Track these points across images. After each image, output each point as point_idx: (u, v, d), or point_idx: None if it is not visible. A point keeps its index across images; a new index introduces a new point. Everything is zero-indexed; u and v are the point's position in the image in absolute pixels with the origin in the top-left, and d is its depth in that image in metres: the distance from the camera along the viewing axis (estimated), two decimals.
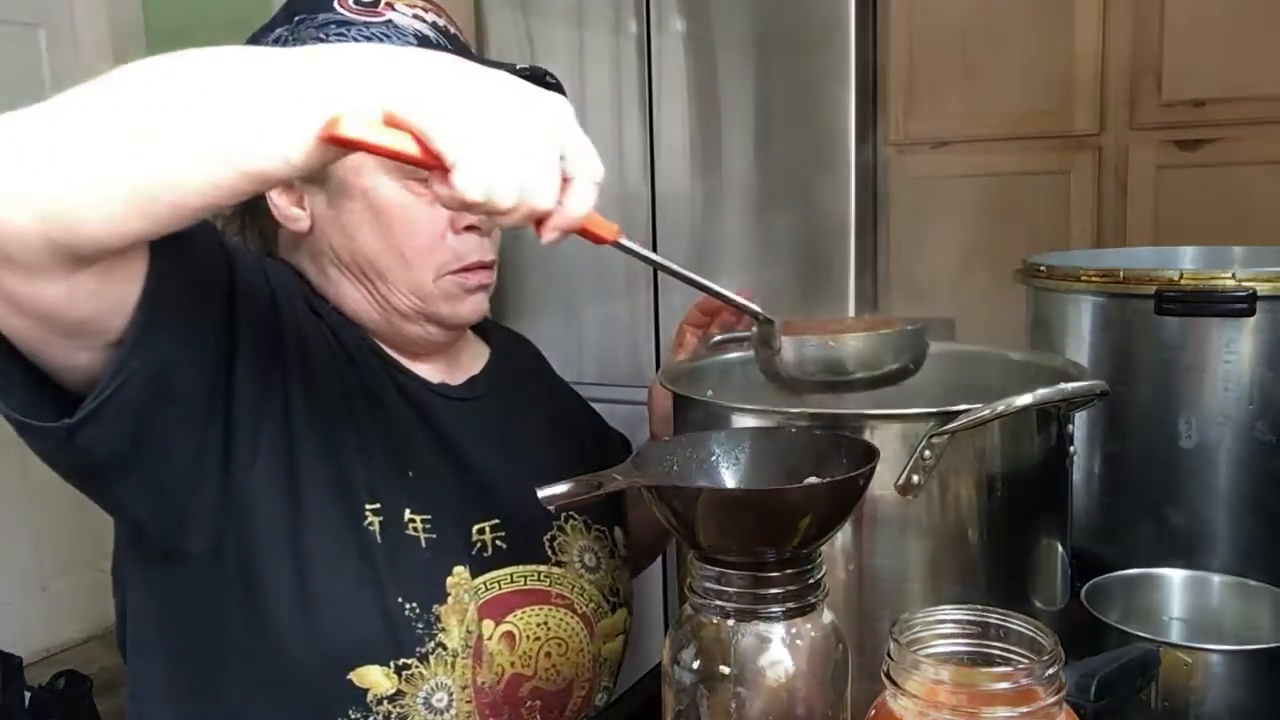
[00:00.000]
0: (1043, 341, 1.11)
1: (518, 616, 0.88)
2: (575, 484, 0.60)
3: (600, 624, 0.95)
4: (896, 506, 0.72)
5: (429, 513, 0.85)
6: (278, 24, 0.87)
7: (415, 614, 0.81)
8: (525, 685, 0.89)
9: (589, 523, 0.98)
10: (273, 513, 0.77)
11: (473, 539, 0.88)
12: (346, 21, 0.84)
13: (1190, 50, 2.02)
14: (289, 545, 0.78)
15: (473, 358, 1.00)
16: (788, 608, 0.57)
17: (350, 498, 0.81)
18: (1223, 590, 0.90)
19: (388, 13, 0.85)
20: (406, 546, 0.82)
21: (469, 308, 0.90)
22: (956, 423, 0.70)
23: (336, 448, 0.81)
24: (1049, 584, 0.80)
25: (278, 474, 0.78)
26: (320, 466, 0.80)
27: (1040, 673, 0.52)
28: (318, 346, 0.84)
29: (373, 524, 0.81)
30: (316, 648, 0.78)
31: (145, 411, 0.68)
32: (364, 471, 0.82)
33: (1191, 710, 0.78)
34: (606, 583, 0.97)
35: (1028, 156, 2.18)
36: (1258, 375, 0.94)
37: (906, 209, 2.31)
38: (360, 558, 0.80)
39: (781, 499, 0.58)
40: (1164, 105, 2.06)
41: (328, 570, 0.78)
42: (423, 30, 0.85)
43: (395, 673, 0.79)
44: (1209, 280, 0.94)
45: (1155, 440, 0.99)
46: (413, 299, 0.87)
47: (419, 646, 0.80)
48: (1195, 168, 2.05)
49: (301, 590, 0.77)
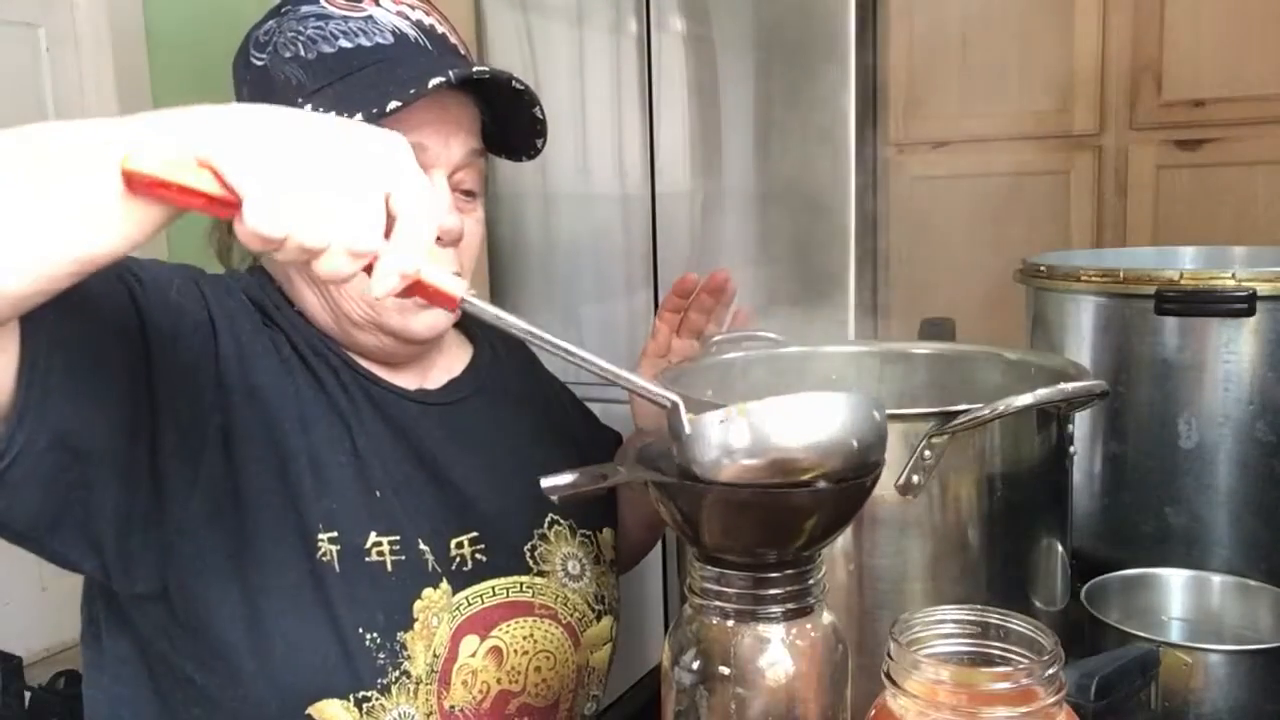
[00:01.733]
0: (1043, 341, 1.11)
1: (503, 630, 0.86)
2: (580, 475, 0.59)
3: (586, 633, 0.92)
4: (896, 506, 0.72)
5: (397, 534, 0.81)
6: (269, 18, 0.86)
7: (376, 644, 0.78)
8: (513, 701, 0.86)
9: (574, 527, 0.95)
10: (217, 551, 0.75)
11: (451, 554, 0.85)
12: (326, 15, 0.82)
13: (1190, 50, 2.02)
14: (237, 582, 0.75)
15: (453, 358, 0.97)
16: (788, 609, 0.57)
17: (301, 530, 0.77)
18: (1223, 590, 0.90)
19: (370, 7, 0.83)
20: (369, 573, 0.79)
21: (422, 324, 0.85)
22: (956, 423, 0.70)
23: (286, 477, 0.78)
24: (1049, 584, 0.80)
25: (219, 510, 0.75)
26: (266, 499, 0.77)
27: (1040, 673, 0.52)
28: (269, 368, 0.81)
29: (328, 554, 0.78)
30: (273, 684, 0.75)
31: (53, 476, 0.66)
32: (320, 500, 0.79)
33: (1191, 710, 0.78)
34: (591, 590, 0.94)
35: (1028, 156, 2.18)
36: (1258, 375, 0.94)
37: (906, 209, 2.31)
38: (314, 591, 0.77)
39: (789, 501, 0.57)
40: (1164, 105, 2.06)
41: (278, 606, 0.75)
42: (401, 27, 0.83)
43: (355, 705, 0.76)
44: (1209, 280, 0.94)
45: (1155, 440, 0.99)
46: (363, 307, 0.83)
47: (380, 677, 0.77)
48: (1195, 168, 2.05)
49: (253, 628, 0.75)
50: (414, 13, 0.85)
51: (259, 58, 0.84)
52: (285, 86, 0.81)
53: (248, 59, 0.85)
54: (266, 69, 0.83)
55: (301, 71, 0.81)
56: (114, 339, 0.70)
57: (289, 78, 0.82)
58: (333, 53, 0.81)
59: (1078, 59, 2.11)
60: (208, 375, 0.76)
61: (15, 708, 2.44)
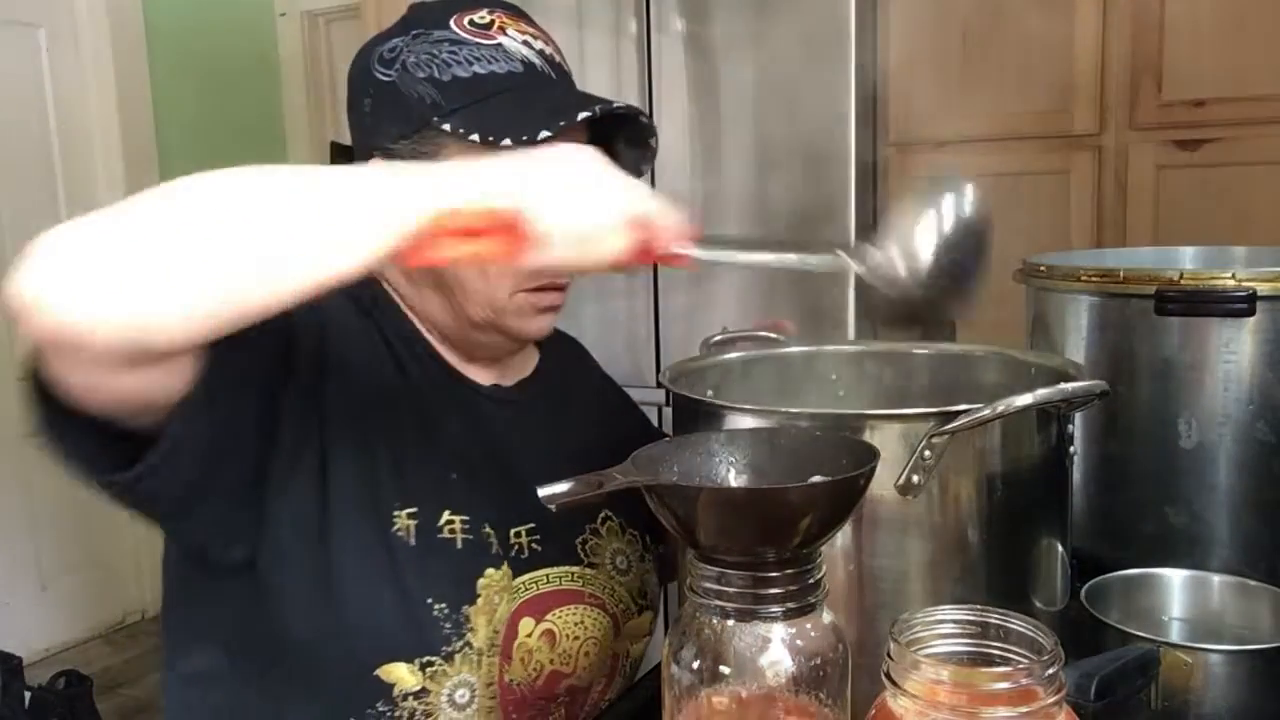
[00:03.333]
0: (1043, 341, 1.11)
1: (556, 615, 0.91)
2: (576, 483, 0.60)
3: (627, 624, 0.98)
4: (896, 506, 0.72)
5: (467, 515, 0.88)
6: (393, 35, 0.90)
7: (444, 614, 0.84)
8: (564, 683, 0.92)
9: (623, 525, 1.00)
10: (304, 525, 0.81)
11: (511, 541, 0.90)
12: (460, 40, 0.88)
13: (1190, 50, 2.02)
14: (318, 550, 0.81)
15: (524, 359, 1.03)
16: (788, 608, 0.57)
17: (379, 507, 0.84)
18: (1223, 590, 0.90)
19: (499, 36, 0.89)
20: (441, 549, 0.85)
21: (536, 325, 0.93)
22: (956, 423, 0.70)
23: (371, 456, 0.85)
24: (1049, 584, 0.80)
25: (310, 490, 0.82)
26: (350, 480, 0.83)
27: (1040, 673, 0.52)
28: (363, 353, 0.88)
29: (404, 529, 0.84)
30: (344, 647, 0.81)
31: (202, 462, 0.74)
32: (399, 479, 0.85)
33: (1191, 710, 0.78)
34: (636, 585, 0.99)
35: (1028, 156, 2.18)
36: (1258, 375, 0.94)
37: None
38: (388, 562, 0.83)
39: (782, 499, 0.58)
40: (1164, 105, 2.06)
41: (354, 573, 0.82)
42: (529, 56, 0.89)
43: (420, 670, 0.82)
44: (1209, 280, 0.94)
45: (1155, 440, 0.99)
46: (487, 311, 0.90)
47: (445, 645, 0.83)
48: (1195, 168, 2.05)
49: (329, 593, 0.81)
50: (536, 43, 0.91)
51: (385, 73, 0.89)
52: (420, 104, 0.86)
53: (372, 74, 0.89)
54: (396, 85, 0.88)
55: (436, 91, 0.86)
56: (268, 337, 0.76)
57: (423, 96, 0.86)
58: (467, 77, 0.86)
59: (1078, 59, 2.11)
60: (317, 361, 0.84)
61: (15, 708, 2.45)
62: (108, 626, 3.40)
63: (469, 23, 0.89)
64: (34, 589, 3.20)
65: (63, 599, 3.27)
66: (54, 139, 3.17)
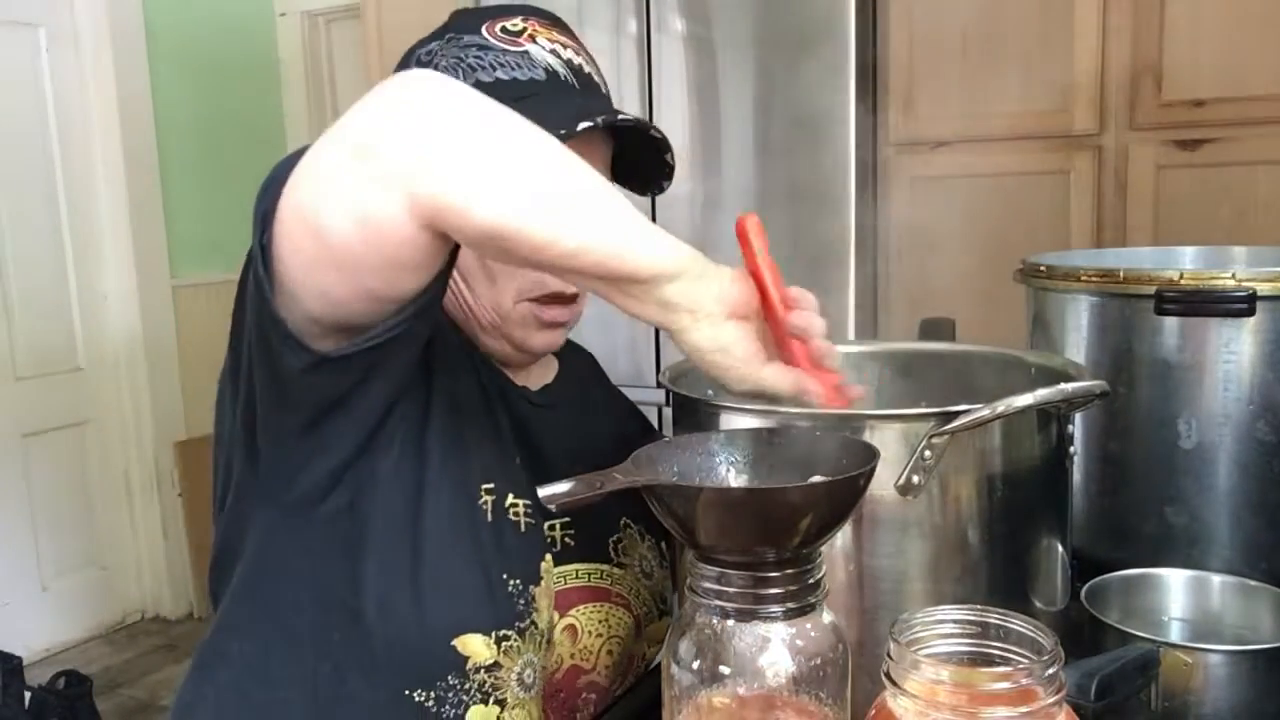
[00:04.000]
0: (1043, 341, 1.11)
1: (580, 611, 0.92)
2: (576, 483, 0.60)
3: (648, 627, 0.98)
4: (896, 506, 0.72)
5: (528, 499, 0.89)
6: (433, 39, 0.92)
7: (517, 590, 0.85)
8: (583, 678, 0.92)
9: (642, 533, 1.01)
10: (398, 484, 0.82)
11: (546, 534, 0.91)
12: (487, 46, 0.89)
13: (1190, 50, 2.02)
14: (410, 519, 0.82)
15: (545, 367, 1.04)
16: (788, 608, 0.57)
17: (468, 479, 0.85)
18: (1223, 590, 0.90)
19: (527, 44, 0.90)
20: (511, 528, 0.87)
21: (540, 340, 0.93)
22: (956, 423, 0.70)
23: (462, 434, 0.86)
24: (1049, 584, 0.80)
25: (408, 453, 0.82)
26: (447, 451, 0.84)
27: (1040, 673, 0.52)
28: (435, 338, 0.88)
29: (486, 503, 0.85)
30: (424, 613, 0.81)
31: (371, 372, 0.75)
32: (481, 456, 0.87)
33: (1191, 710, 0.78)
34: (659, 590, 1.00)
35: (1028, 156, 2.18)
36: (1258, 375, 0.94)
37: (906, 209, 2.31)
38: (472, 535, 0.84)
39: (781, 499, 0.58)
40: (1164, 105, 2.06)
41: (442, 543, 0.82)
42: (553, 64, 0.90)
43: (495, 643, 0.82)
44: (1209, 280, 0.94)
45: (1155, 440, 0.99)
46: (492, 314, 0.91)
47: (519, 621, 0.84)
48: (1195, 168, 2.05)
49: (415, 559, 0.81)
50: (565, 51, 0.92)
51: None
52: None
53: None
54: None
55: None
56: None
57: None
58: (489, 82, 0.87)
59: (1078, 59, 2.12)
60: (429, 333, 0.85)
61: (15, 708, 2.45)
62: (108, 626, 3.40)
63: (501, 29, 0.90)
64: (34, 589, 3.20)
65: (63, 599, 3.27)
66: (54, 139, 3.17)
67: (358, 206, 0.63)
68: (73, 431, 3.25)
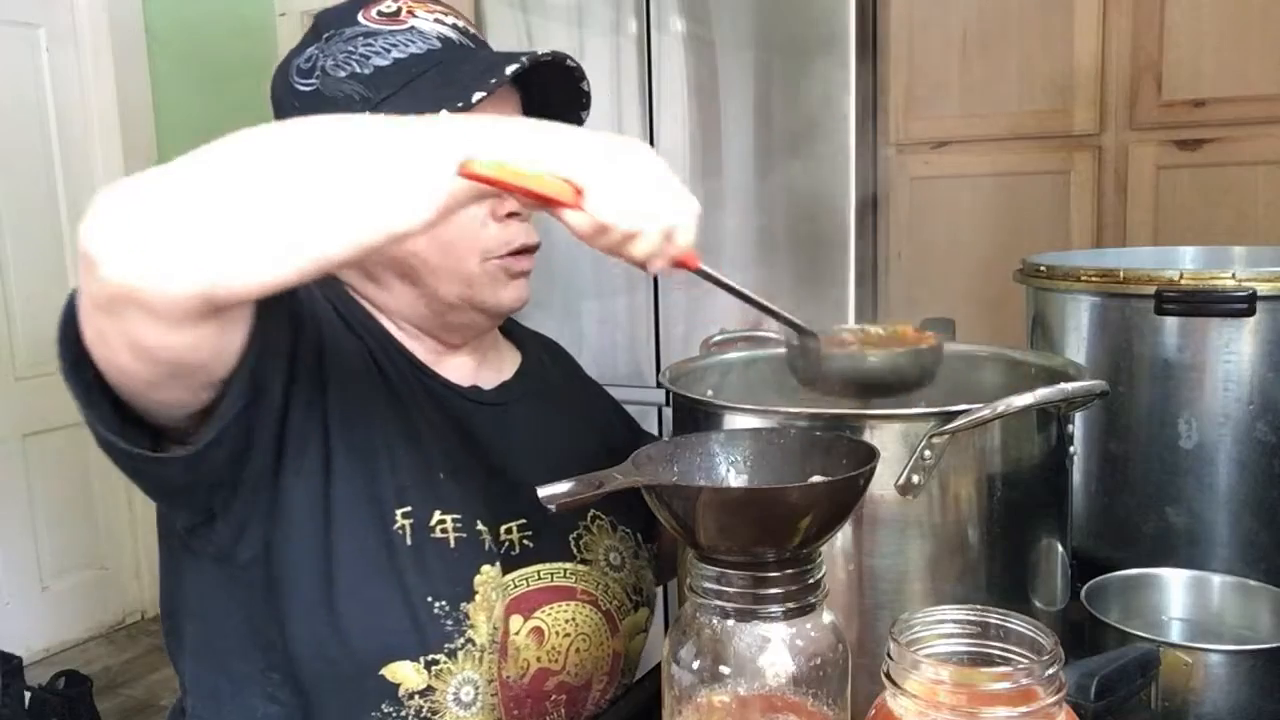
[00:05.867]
0: (1043, 341, 1.12)
1: (545, 612, 0.91)
2: (576, 483, 0.60)
3: (624, 621, 0.97)
4: (896, 506, 0.72)
5: (459, 513, 0.87)
6: (306, 46, 0.90)
7: (444, 611, 0.84)
8: (551, 680, 0.91)
9: (615, 523, 1.00)
10: (307, 521, 0.81)
11: (502, 537, 0.90)
12: (372, 32, 0.88)
13: (1190, 50, 2.02)
14: (321, 551, 0.81)
15: (504, 361, 1.03)
16: (788, 608, 0.57)
17: (380, 505, 0.84)
18: (1223, 590, 0.90)
19: (410, 20, 0.89)
20: (435, 547, 0.85)
21: (511, 294, 0.92)
22: (956, 423, 0.70)
23: (369, 457, 0.85)
24: (1049, 584, 0.80)
25: (314, 485, 0.82)
26: (353, 477, 0.83)
27: (1040, 673, 0.52)
28: (349, 356, 0.88)
29: (402, 527, 0.84)
30: (348, 647, 0.81)
31: (242, 443, 0.76)
32: (394, 477, 0.85)
33: (1191, 710, 0.78)
34: (631, 581, 0.99)
35: (1028, 156, 2.18)
36: (1258, 375, 0.94)
37: (906, 209, 2.31)
38: (389, 561, 0.83)
39: (782, 499, 0.58)
40: (1164, 105, 2.06)
41: (356, 574, 0.82)
42: (444, 33, 0.89)
43: (425, 668, 0.82)
44: (1209, 280, 0.94)
45: (1155, 440, 0.99)
46: (459, 286, 0.90)
47: (448, 643, 0.83)
48: (1195, 168, 2.05)
49: (331, 594, 0.81)
50: (448, 18, 0.91)
51: (305, 84, 0.89)
52: (348, 103, 0.87)
53: (291, 87, 0.90)
54: (319, 91, 0.88)
55: (361, 86, 0.87)
56: (286, 318, 0.80)
57: (350, 94, 0.87)
58: (388, 64, 0.87)
59: (1078, 59, 2.11)
60: (316, 361, 0.84)
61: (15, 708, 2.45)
62: (108, 626, 3.40)
63: (377, 13, 0.89)
64: (34, 589, 3.20)
65: (63, 599, 3.27)
66: (54, 139, 3.17)
67: (121, 339, 0.64)
68: (73, 431, 3.24)
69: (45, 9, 3.14)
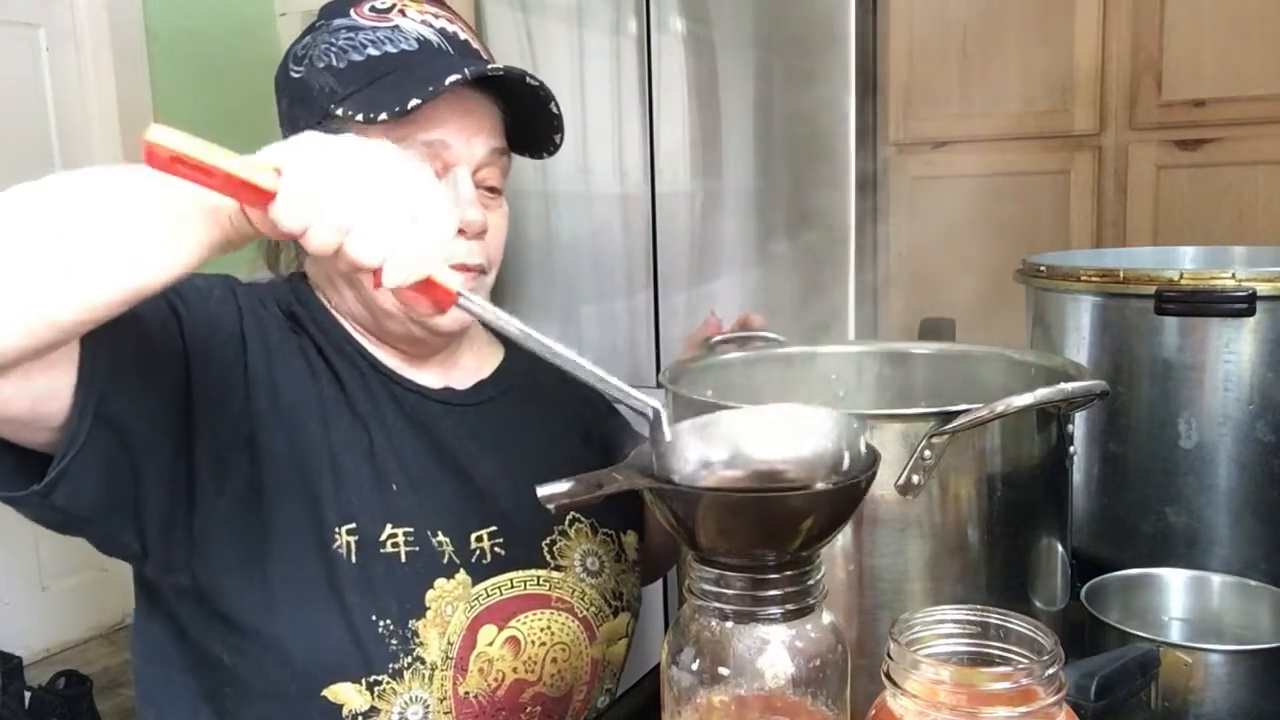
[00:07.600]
0: (1043, 341, 1.11)
1: (520, 621, 0.89)
2: (575, 483, 0.60)
3: (602, 628, 0.95)
4: (896, 506, 0.72)
5: (411, 526, 0.85)
6: (305, 34, 0.91)
7: (388, 630, 0.82)
8: (528, 690, 0.89)
9: (595, 526, 0.98)
10: (239, 545, 0.80)
11: (471, 546, 0.88)
12: (357, 26, 0.88)
13: (1190, 50, 2.02)
14: (258, 573, 0.80)
15: (483, 359, 1.00)
16: (787, 609, 0.57)
17: (318, 524, 0.82)
18: (1223, 590, 0.90)
19: (397, 18, 0.89)
20: (383, 564, 0.83)
21: (447, 317, 0.86)
22: (956, 423, 0.70)
23: (306, 476, 0.82)
24: (1049, 584, 0.80)
25: (243, 507, 0.80)
26: (286, 497, 0.81)
27: (1040, 673, 0.52)
28: (296, 373, 0.85)
29: (343, 546, 0.82)
30: (289, 668, 0.80)
31: (110, 466, 0.72)
32: (338, 495, 0.83)
33: (1191, 710, 0.78)
34: (609, 586, 0.97)
35: (1028, 156, 2.18)
36: (1258, 375, 0.94)
37: (906, 209, 2.31)
38: (328, 581, 0.81)
39: (783, 503, 0.57)
40: (1164, 105, 2.06)
41: (294, 595, 0.80)
42: (426, 34, 0.88)
43: (368, 689, 0.81)
44: (1209, 280, 0.94)
45: (1155, 440, 0.99)
46: (390, 301, 0.87)
47: (392, 662, 0.81)
48: (1195, 168, 2.05)
49: (271, 615, 0.80)
50: (438, 21, 0.90)
51: (297, 70, 0.89)
52: (320, 94, 0.87)
53: (287, 73, 0.90)
54: (304, 80, 0.88)
55: (333, 79, 0.86)
56: (159, 350, 0.76)
57: (323, 86, 0.87)
58: (361, 60, 0.86)
59: (1078, 59, 2.11)
60: (238, 385, 0.81)
61: (15, 708, 2.45)
62: (108, 626, 3.40)
63: (369, 9, 0.89)
64: (34, 589, 3.20)
65: (63, 599, 3.27)
66: (54, 139, 3.17)
67: None
68: None
69: (45, 9, 3.14)
